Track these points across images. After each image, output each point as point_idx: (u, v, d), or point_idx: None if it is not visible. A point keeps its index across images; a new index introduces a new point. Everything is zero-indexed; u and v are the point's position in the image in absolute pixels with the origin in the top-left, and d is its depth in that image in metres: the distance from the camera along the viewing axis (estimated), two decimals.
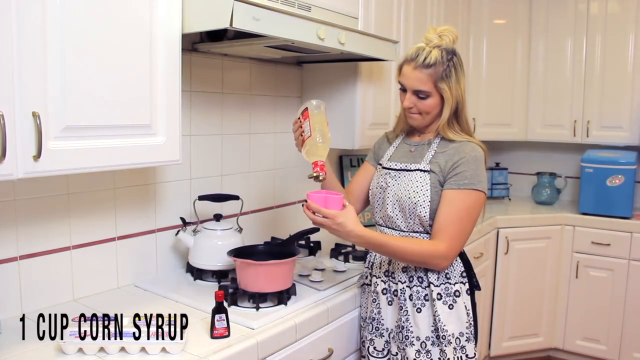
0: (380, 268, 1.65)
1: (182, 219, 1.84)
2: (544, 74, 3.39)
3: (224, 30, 1.65)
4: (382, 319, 1.62)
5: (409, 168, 1.57)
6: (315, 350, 1.57)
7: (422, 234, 1.55)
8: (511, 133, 3.49)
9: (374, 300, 1.64)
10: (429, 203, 1.51)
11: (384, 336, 1.62)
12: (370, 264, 1.69)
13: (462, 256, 1.60)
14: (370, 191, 1.70)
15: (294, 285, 1.63)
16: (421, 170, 1.54)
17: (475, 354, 1.56)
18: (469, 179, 1.47)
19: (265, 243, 2.00)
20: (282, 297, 1.56)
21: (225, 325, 1.35)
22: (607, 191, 3.06)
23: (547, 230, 3.14)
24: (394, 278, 1.60)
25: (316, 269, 1.85)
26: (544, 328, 3.21)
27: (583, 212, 3.14)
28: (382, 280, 1.63)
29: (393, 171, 1.61)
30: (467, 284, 1.57)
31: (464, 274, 1.58)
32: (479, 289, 1.64)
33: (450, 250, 1.48)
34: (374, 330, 1.64)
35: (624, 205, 3.02)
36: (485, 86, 3.41)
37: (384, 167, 1.65)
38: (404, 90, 1.57)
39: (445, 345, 1.50)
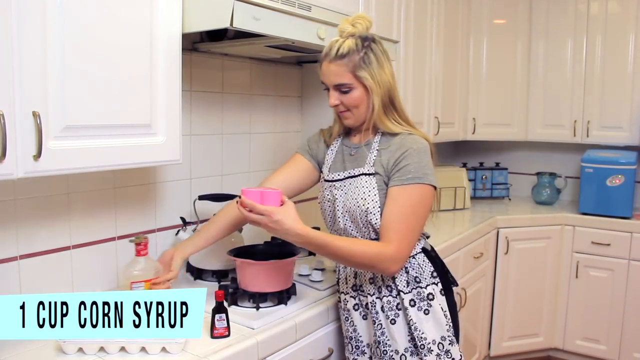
0: (346, 283, 1.56)
1: (182, 218, 1.84)
2: (544, 74, 3.39)
3: (224, 30, 1.65)
4: (360, 336, 1.54)
5: (352, 174, 1.47)
6: (315, 350, 1.57)
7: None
8: (511, 133, 3.49)
9: (347, 319, 1.56)
10: (379, 208, 1.40)
11: (365, 353, 1.54)
12: (337, 279, 1.61)
13: (428, 255, 1.51)
14: (319, 206, 1.58)
15: (294, 285, 1.63)
16: (365, 174, 1.44)
17: (461, 356, 1.47)
18: (413, 172, 1.37)
19: (265, 243, 2.00)
20: (282, 296, 1.56)
21: (226, 325, 1.35)
22: (607, 191, 3.05)
23: (547, 230, 3.14)
24: (362, 291, 1.51)
25: (316, 269, 1.85)
26: (544, 328, 3.21)
27: (583, 212, 3.14)
28: (351, 296, 1.54)
29: (338, 182, 1.50)
30: (439, 284, 1.48)
31: (435, 274, 1.48)
32: (456, 284, 1.56)
33: (399, 252, 1.35)
34: (354, 349, 1.55)
35: (624, 205, 3.02)
36: (485, 86, 3.41)
37: (326, 180, 1.54)
38: (327, 89, 1.47)
39: (425, 355, 1.41)
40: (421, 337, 1.43)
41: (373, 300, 1.48)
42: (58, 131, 1.17)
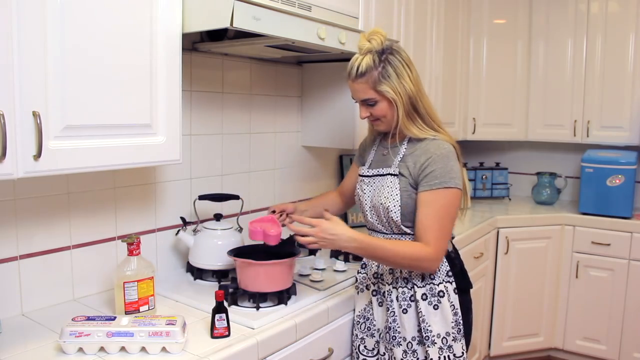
0: (370, 270, 1.66)
1: (182, 218, 1.84)
2: (544, 74, 3.39)
3: (224, 30, 1.65)
4: (375, 320, 1.64)
5: (380, 173, 1.58)
6: (315, 350, 1.57)
7: (403, 236, 1.55)
8: (511, 133, 3.49)
9: (370, 302, 1.66)
10: (399, 207, 1.50)
11: (374, 336, 1.65)
12: (364, 265, 1.70)
13: (448, 255, 1.59)
14: (355, 198, 1.73)
15: (294, 285, 1.63)
16: (391, 175, 1.54)
17: (463, 352, 1.55)
18: (439, 177, 1.46)
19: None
20: (282, 296, 1.56)
21: (226, 325, 1.35)
22: (607, 191, 3.05)
23: (547, 230, 3.14)
24: (382, 280, 1.61)
25: (316, 269, 1.85)
26: (544, 328, 3.21)
27: (583, 212, 3.14)
28: (372, 282, 1.65)
29: (367, 178, 1.62)
30: (453, 283, 1.56)
31: (450, 273, 1.56)
32: (471, 286, 1.63)
33: (437, 252, 1.46)
34: (366, 329, 1.66)
35: (624, 205, 3.02)
36: (485, 86, 3.41)
37: (359, 175, 1.67)
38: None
39: (429, 346, 1.50)
40: (427, 329, 1.51)
41: (390, 289, 1.58)
42: (58, 131, 1.17)
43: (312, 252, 2.12)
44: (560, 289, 3.18)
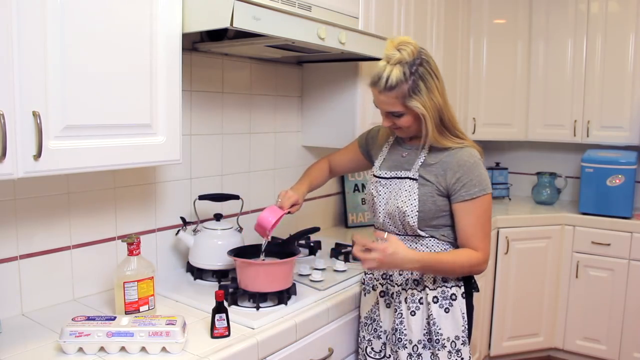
0: (379, 271, 1.65)
1: (182, 218, 1.84)
2: (544, 74, 3.39)
3: (225, 30, 1.65)
4: (381, 321, 1.64)
5: (399, 176, 1.57)
6: (315, 350, 1.57)
7: (417, 238, 1.55)
8: (511, 133, 3.49)
9: (377, 302, 1.66)
10: (416, 213, 1.50)
11: (381, 338, 1.64)
12: None
13: None
14: (365, 197, 1.71)
15: (294, 285, 1.63)
16: (410, 179, 1.53)
17: (470, 357, 1.57)
18: (477, 186, 1.48)
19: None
20: (282, 296, 1.56)
21: (226, 325, 1.35)
22: (607, 191, 3.06)
23: (547, 230, 3.14)
24: (391, 281, 1.61)
25: (316, 269, 1.85)
26: (543, 328, 3.21)
27: (583, 212, 3.14)
28: (380, 283, 1.64)
29: (383, 180, 1.61)
30: (462, 287, 1.56)
31: (460, 277, 1.57)
32: (477, 290, 1.64)
33: (486, 254, 1.51)
34: (372, 331, 1.66)
35: (624, 205, 3.02)
36: (485, 86, 3.41)
37: (374, 176, 1.65)
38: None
39: (439, 349, 1.51)
40: (437, 332, 1.51)
41: (399, 291, 1.58)
42: (58, 131, 1.17)
43: (312, 252, 2.12)
44: (560, 289, 3.18)
